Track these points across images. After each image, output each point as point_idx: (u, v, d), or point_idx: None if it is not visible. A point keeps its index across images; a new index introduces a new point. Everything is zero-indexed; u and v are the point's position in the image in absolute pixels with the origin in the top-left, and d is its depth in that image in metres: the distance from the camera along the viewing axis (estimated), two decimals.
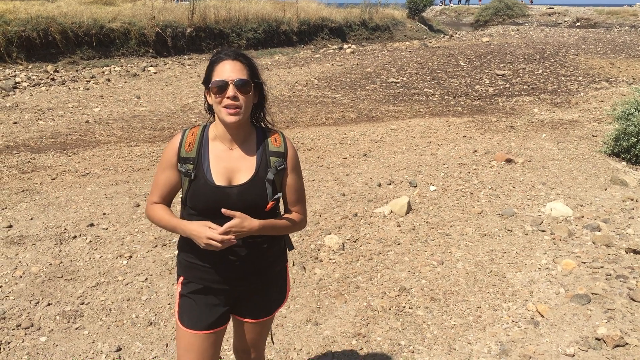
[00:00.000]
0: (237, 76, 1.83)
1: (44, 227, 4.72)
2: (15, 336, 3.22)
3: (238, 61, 1.87)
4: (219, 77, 1.84)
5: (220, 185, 1.89)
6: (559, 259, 4.21)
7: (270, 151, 1.95)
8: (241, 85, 1.83)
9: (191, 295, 2.01)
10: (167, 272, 4.02)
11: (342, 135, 8.39)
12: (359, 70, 16.13)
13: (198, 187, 1.89)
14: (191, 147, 1.93)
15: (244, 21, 20.29)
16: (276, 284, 2.12)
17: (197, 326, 1.99)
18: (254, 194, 1.89)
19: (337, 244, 4.45)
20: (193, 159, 1.91)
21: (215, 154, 1.93)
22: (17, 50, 13.56)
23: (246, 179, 1.90)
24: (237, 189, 1.89)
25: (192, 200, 1.92)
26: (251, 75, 1.89)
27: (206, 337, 2.00)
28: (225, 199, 1.87)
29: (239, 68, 1.85)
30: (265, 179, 1.91)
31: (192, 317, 2.00)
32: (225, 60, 1.86)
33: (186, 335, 2.00)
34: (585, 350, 3.08)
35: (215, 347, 2.06)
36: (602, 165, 6.68)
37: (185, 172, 1.91)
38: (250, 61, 1.91)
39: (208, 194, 1.88)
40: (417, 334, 3.33)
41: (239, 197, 1.88)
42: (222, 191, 1.88)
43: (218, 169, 1.91)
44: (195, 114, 10.03)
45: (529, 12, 42.00)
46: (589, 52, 20.52)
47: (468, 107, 11.10)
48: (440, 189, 5.80)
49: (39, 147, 7.46)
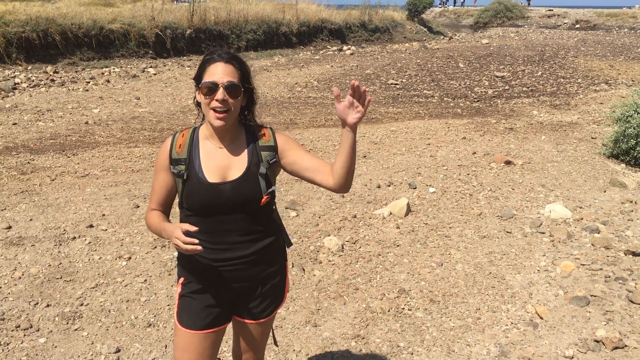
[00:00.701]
0: (228, 79, 1.84)
1: (43, 228, 4.72)
2: (14, 337, 3.22)
3: (230, 64, 1.87)
4: (210, 79, 1.84)
5: (214, 182, 1.90)
6: (558, 260, 4.21)
7: (260, 146, 1.97)
8: (231, 89, 1.84)
9: (191, 295, 2.01)
10: (167, 273, 4.02)
11: None
12: (359, 71, 16.15)
13: (192, 187, 1.91)
14: (182, 148, 1.94)
15: (244, 22, 20.31)
16: (276, 283, 2.12)
17: (196, 325, 1.98)
18: (247, 189, 1.90)
19: (336, 245, 4.46)
20: (184, 159, 1.93)
21: (206, 152, 1.94)
22: (16, 51, 13.56)
23: (239, 174, 1.92)
24: (230, 185, 1.90)
25: (188, 200, 1.93)
26: (242, 79, 1.89)
27: (204, 337, 2.00)
28: (220, 196, 1.88)
29: (231, 71, 1.86)
30: (258, 173, 1.93)
31: (191, 317, 1.99)
32: (218, 62, 1.86)
33: (184, 335, 1.99)
34: (584, 352, 3.08)
35: (213, 349, 2.05)
36: (601, 167, 6.69)
37: (178, 173, 1.92)
38: (242, 65, 1.92)
39: (202, 192, 1.89)
40: (416, 335, 3.33)
41: (232, 192, 1.89)
42: (215, 188, 1.89)
43: (210, 167, 1.92)
44: (195, 115, 9.93)
45: (528, 14, 42.06)
46: (588, 54, 20.55)
47: (467, 109, 11.11)
48: (440, 191, 5.81)
49: (38, 148, 7.46)
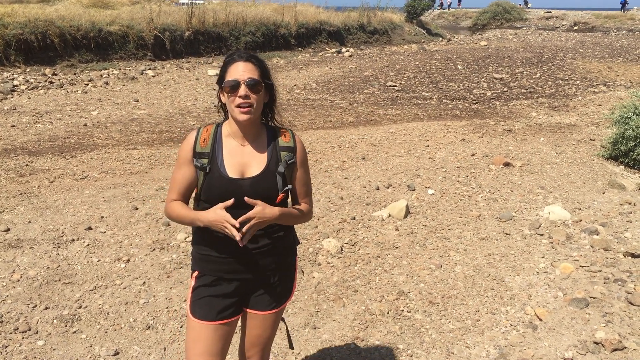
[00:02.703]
0: (248, 76, 1.94)
1: (41, 231, 4.71)
2: (12, 340, 3.21)
3: (250, 62, 1.97)
4: (231, 77, 1.94)
5: (234, 177, 1.98)
6: (557, 262, 4.21)
7: (280, 146, 2.06)
8: (252, 85, 1.93)
9: (205, 287, 2.06)
10: (165, 275, 4.01)
11: (341, 139, 8.40)
12: (357, 73, 16.16)
13: (212, 180, 1.98)
14: (206, 142, 2.03)
15: (243, 24, 20.33)
16: (287, 275, 2.18)
17: (209, 317, 2.03)
18: (265, 186, 1.98)
19: (335, 247, 4.45)
20: (208, 154, 2.01)
21: (228, 149, 2.03)
22: (15, 53, 13.56)
23: (258, 171, 2.00)
24: (250, 181, 1.98)
25: (207, 193, 2.00)
26: (262, 75, 1.99)
27: (216, 329, 2.04)
28: (239, 191, 1.95)
29: (251, 69, 1.96)
30: (276, 171, 2.01)
31: (203, 308, 2.04)
32: (238, 61, 1.97)
33: (196, 326, 2.04)
34: (584, 354, 3.07)
35: (224, 341, 2.08)
36: (600, 169, 6.69)
37: (201, 166, 2.00)
38: (261, 63, 2.02)
39: (222, 187, 1.97)
40: (415, 337, 3.33)
41: (251, 188, 1.96)
42: (235, 183, 1.97)
43: (231, 163, 2.00)
44: (194, 117, 10.03)
45: (526, 15, 42.16)
46: (587, 56, 20.60)
47: (466, 111, 11.12)
48: (439, 193, 5.81)
49: (36, 150, 7.45)
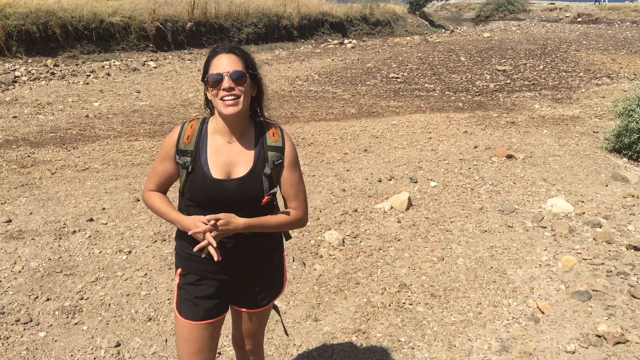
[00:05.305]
0: (232, 68, 1.86)
1: (43, 222, 4.71)
2: (14, 331, 3.22)
3: (233, 54, 1.89)
4: (215, 71, 1.86)
5: (218, 178, 1.90)
6: (559, 255, 4.20)
7: (268, 146, 1.96)
8: (236, 77, 1.86)
9: (189, 286, 2.03)
10: (167, 267, 4.01)
11: (343, 131, 8.37)
12: (360, 65, 16.08)
13: (196, 180, 1.91)
14: (190, 139, 1.94)
15: (245, 16, 20.20)
16: (273, 274, 2.14)
17: (196, 317, 2.01)
18: (251, 188, 1.91)
19: (337, 239, 4.44)
20: (191, 152, 1.92)
21: (213, 147, 1.94)
22: (16, 44, 13.49)
23: (244, 172, 1.92)
24: (235, 183, 1.90)
25: (190, 192, 1.94)
26: (246, 67, 1.90)
27: (204, 328, 2.02)
28: (223, 192, 1.89)
29: (234, 60, 1.88)
30: (263, 173, 1.93)
31: (190, 308, 2.01)
32: (221, 54, 1.89)
33: (185, 326, 2.02)
34: (586, 347, 3.07)
35: (213, 338, 2.08)
36: (603, 162, 6.66)
37: (183, 165, 1.92)
38: (245, 54, 1.93)
39: (206, 187, 1.90)
40: (417, 330, 3.32)
41: (236, 190, 1.90)
42: (219, 184, 1.90)
43: (216, 162, 1.92)
44: (196, 108, 10.00)
45: (530, 7, 41.85)
46: (590, 48, 20.45)
47: (469, 103, 11.06)
48: (441, 185, 5.79)
49: (38, 142, 7.44)
